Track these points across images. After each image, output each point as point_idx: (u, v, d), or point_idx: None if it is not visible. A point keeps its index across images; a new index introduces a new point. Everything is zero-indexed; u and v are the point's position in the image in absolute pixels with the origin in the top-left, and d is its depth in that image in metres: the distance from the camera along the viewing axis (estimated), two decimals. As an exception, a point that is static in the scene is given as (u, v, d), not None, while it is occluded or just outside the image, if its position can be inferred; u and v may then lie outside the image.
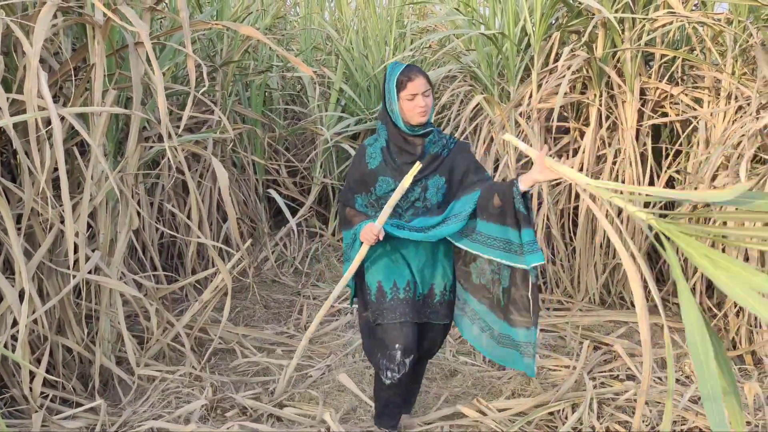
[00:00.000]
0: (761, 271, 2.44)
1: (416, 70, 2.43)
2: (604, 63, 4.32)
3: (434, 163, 2.47)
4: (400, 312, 2.48)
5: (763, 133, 3.56)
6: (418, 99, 2.39)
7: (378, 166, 2.51)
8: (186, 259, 4.28)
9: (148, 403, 2.90)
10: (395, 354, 2.47)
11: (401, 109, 2.42)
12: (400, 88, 2.41)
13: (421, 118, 2.41)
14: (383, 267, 2.53)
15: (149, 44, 2.53)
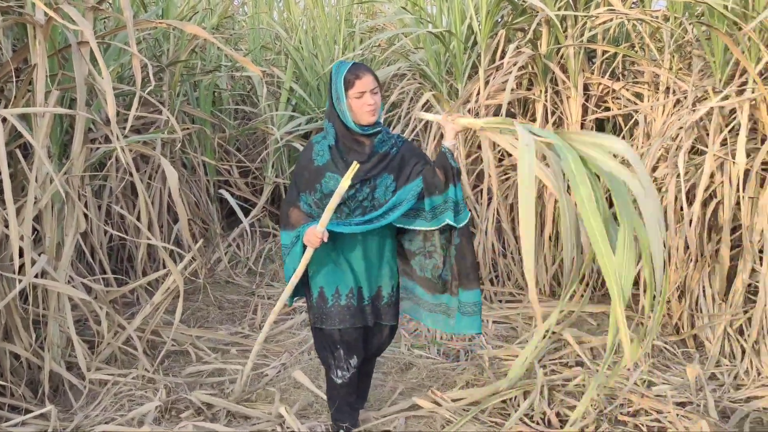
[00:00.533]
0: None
1: (363, 68, 2.41)
2: (548, 60, 4.43)
3: (383, 162, 2.46)
4: (340, 319, 2.49)
5: (699, 126, 3.70)
6: (366, 97, 2.37)
7: (326, 163, 2.47)
8: (136, 262, 4.22)
9: (100, 407, 2.86)
10: (339, 354, 2.54)
11: (350, 108, 2.40)
12: (348, 86, 2.39)
13: (370, 117, 2.39)
14: (326, 273, 2.52)
15: (94, 43, 2.50)
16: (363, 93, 2.37)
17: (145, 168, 4.47)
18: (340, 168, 2.43)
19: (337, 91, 2.41)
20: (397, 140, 2.53)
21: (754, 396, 3.16)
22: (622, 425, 2.89)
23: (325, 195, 2.45)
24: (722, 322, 3.52)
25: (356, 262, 2.53)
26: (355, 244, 2.50)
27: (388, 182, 2.47)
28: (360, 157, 2.43)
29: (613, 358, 3.54)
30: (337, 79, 2.41)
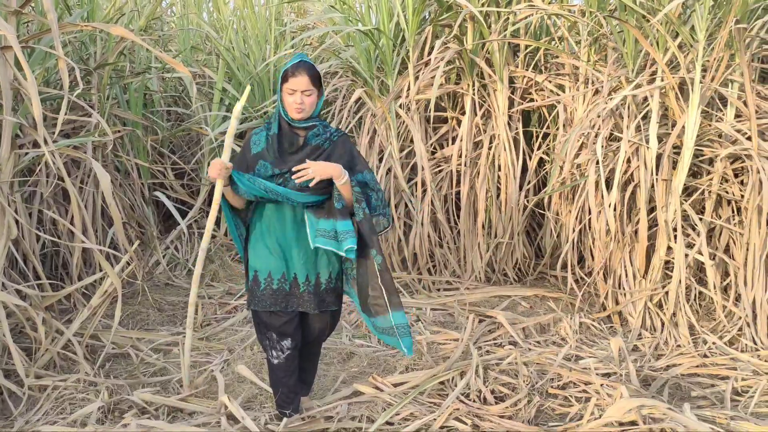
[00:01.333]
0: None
1: (303, 68, 2.48)
2: (474, 54, 4.59)
3: (314, 153, 2.56)
4: (271, 302, 2.61)
5: (615, 114, 3.92)
6: (296, 96, 2.48)
7: (260, 151, 2.58)
8: (71, 267, 4.16)
9: (41, 412, 2.84)
10: (272, 335, 2.67)
11: (283, 101, 2.53)
12: (284, 80, 2.50)
13: (296, 114, 2.50)
14: (261, 257, 2.63)
15: (18, 47, 2.49)
16: (294, 91, 2.47)
17: (77, 173, 4.41)
18: (272, 156, 2.55)
19: (278, 84, 2.54)
20: (332, 135, 2.61)
21: (672, 364, 3.39)
22: (552, 398, 3.06)
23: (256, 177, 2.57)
24: (642, 298, 3.75)
25: (291, 250, 2.62)
26: (291, 233, 2.61)
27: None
28: (291, 147, 2.56)
29: (543, 336, 3.74)
30: (281, 70, 2.54)
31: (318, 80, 2.52)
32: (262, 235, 2.62)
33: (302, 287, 2.64)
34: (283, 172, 2.51)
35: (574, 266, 4.40)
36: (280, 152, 2.55)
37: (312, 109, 2.53)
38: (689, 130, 3.60)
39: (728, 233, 3.88)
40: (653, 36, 3.72)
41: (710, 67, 3.63)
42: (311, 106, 2.52)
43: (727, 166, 3.75)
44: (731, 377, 3.19)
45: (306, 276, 2.64)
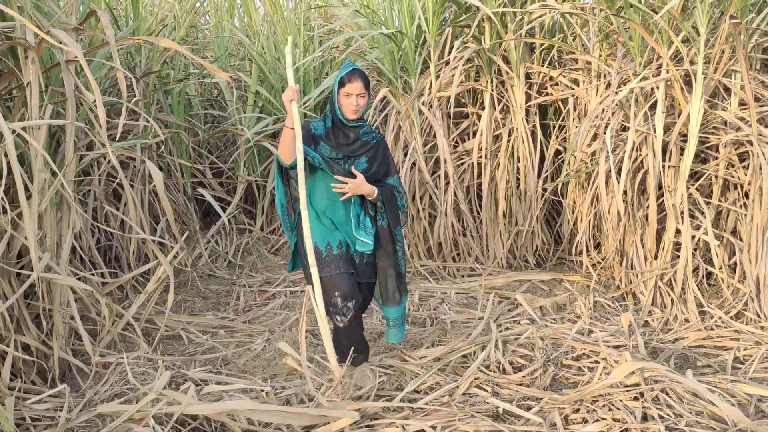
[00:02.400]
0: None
1: (358, 75, 2.95)
2: (492, 53, 4.87)
3: (363, 148, 3.09)
4: (335, 265, 2.99)
5: (625, 105, 4.17)
6: (352, 98, 2.95)
7: (321, 134, 3.06)
8: (123, 259, 4.55)
9: (107, 385, 3.21)
10: (336, 301, 2.96)
11: (339, 103, 2.99)
12: (341, 85, 2.95)
13: (351, 115, 2.98)
14: (318, 230, 3.04)
15: (84, 62, 2.85)
16: (350, 94, 2.95)
17: (126, 173, 4.80)
18: (331, 143, 3.05)
19: (334, 87, 2.99)
20: (376, 134, 3.15)
21: (680, 337, 3.64)
22: (566, 368, 3.34)
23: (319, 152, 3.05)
24: (653, 277, 4.00)
25: (340, 225, 3.10)
26: (339, 211, 3.10)
27: (362, 161, 3.10)
28: (347, 140, 3.06)
29: (560, 314, 4.01)
30: (337, 77, 2.98)
31: (369, 85, 2.99)
32: (317, 218, 3.08)
33: (352, 254, 3.10)
34: (338, 157, 3.04)
35: (590, 250, 4.66)
36: (337, 143, 3.05)
37: (363, 110, 3.01)
38: (693, 118, 3.84)
39: (735, 215, 4.11)
40: (657, 31, 3.96)
41: (713, 59, 3.86)
42: (363, 107, 3.00)
43: (732, 152, 3.98)
44: (734, 347, 3.43)
45: (354, 249, 3.11)
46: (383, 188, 3.13)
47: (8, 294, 3.19)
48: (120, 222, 4.63)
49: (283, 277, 4.99)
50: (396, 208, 3.17)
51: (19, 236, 3.11)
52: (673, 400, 2.79)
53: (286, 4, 6.64)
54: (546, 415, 2.85)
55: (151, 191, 4.95)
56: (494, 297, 4.20)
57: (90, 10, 3.38)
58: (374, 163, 3.12)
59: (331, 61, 6.19)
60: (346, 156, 3.06)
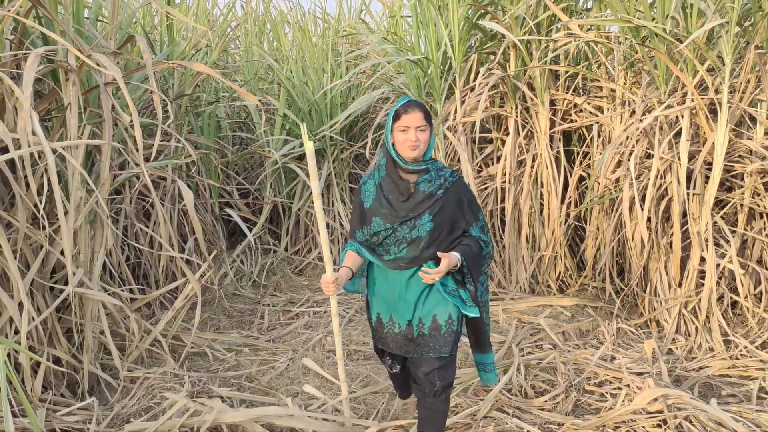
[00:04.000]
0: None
1: (415, 105, 2.46)
2: (516, 79, 4.93)
3: (428, 202, 2.50)
4: (393, 344, 2.65)
5: (650, 133, 4.20)
6: (410, 133, 2.43)
7: (372, 205, 2.57)
8: (151, 276, 4.65)
9: (134, 399, 3.28)
10: (386, 361, 2.85)
11: (395, 141, 2.48)
12: (395, 118, 2.46)
13: (411, 152, 2.44)
14: (383, 301, 2.67)
15: (123, 84, 2.96)
16: (407, 128, 2.43)
17: (157, 192, 4.92)
18: (382, 209, 2.53)
19: (387, 125, 2.52)
20: (447, 179, 2.55)
21: (704, 366, 3.62)
22: (589, 393, 3.34)
23: (372, 234, 2.58)
24: (677, 305, 3.98)
25: (407, 294, 2.60)
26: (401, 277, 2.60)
27: (425, 220, 2.50)
28: (401, 196, 2.51)
29: (582, 340, 4.02)
30: (391, 112, 2.51)
31: (429, 117, 2.50)
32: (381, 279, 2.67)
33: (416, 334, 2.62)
34: (394, 226, 2.51)
35: (613, 277, 4.66)
36: (389, 202, 2.52)
37: (425, 146, 2.49)
38: (718, 146, 3.85)
39: (761, 244, 4.09)
40: (682, 60, 4.00)
41: (738, 88, 3.88)
42: (425, 143, 2.48)
43: (757, 181, 3.97)
44: (759, 377, 3.41)
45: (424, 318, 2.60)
46: (466, 246, 2.56)
47: (42, 308, 3.28)
48: (149, 240, 4.73)
49: (307, 297, 5.04)
50: (481, 264, 2.65)
51: (54, 251, 3.21)
52: (696, 428, 2.78)
53: (314, 30, 6.79)
54: (568, 440, 2.85)
55: (180, 210, 5.06)
56: (516, 321, 4.21)
57: (128, 36, 3.50)
58: (443, 214, 2.52)
59: (358, 86, 6.30)
60: (403, 221, 2.49)
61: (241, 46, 7.40)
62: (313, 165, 2.47)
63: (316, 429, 2.83)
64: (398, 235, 2.51)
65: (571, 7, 5.01)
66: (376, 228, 2.54)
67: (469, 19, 4.92)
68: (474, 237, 2.60)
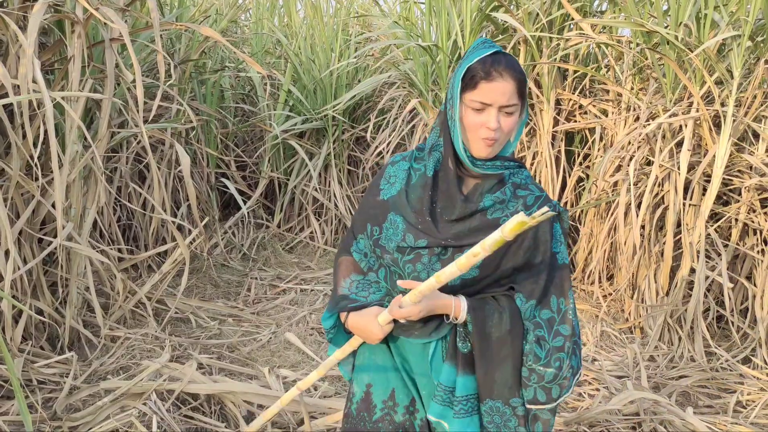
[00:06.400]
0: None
1: (506, 65, 1.46)
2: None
3: (481, 230, 1.50)
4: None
5: (652, 140, 4.19)
6: (489, 114, 1.46)
7: (394, 195, 1.60)
8: (141, 239, 4.63)
9: (113, 357, 3.27)
10: None
11: (462, 120, 1.50)
12: (469, 84, 1.47)
13: (484, 148, 1.48)
14: (379, 366, 1.66)
15: (129, 40, 2.93)
16: (486, 106, 1.46)
17: (153, 155, 4.89)
18: (413, 215, 1.56)
19: (452, 89, 1.51)
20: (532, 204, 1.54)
21: (684, 375, 3.63)
22: (567, 392, 3.34)
23: (378, 244, 1.61)
24: (663, 313, 3.99)
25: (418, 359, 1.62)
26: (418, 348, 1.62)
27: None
28: (450, 205, 1.54)
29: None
30: (459, 68, 1.51)
31: (525, 88, 1.50)
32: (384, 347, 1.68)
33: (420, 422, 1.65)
34: (425, 246, 1.52)
35: (602, 281, 4.66)
36: (431, 212, 1.55)
37: (508, 137, 1.52)
38: (719, 159, 3.84)
39: (751, 260, 4.09)
40: (691, 70, 3.98)
41: (744, 102, 3.87)
42: (510, 133, 1.51)
43: (755, 197, 3.97)
44: (738, 391, 3.42)
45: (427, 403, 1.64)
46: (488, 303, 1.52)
47: (29, 258, 3.26)
48: (142, 203, 4.71)
49: (295, 274, 5.04)
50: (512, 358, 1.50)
51: (45, 203, 3.18)
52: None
53: (327, 8, 6.74)
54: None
55: (176, 176, 5.03)
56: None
57: (138, -7, 3.47)
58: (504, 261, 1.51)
59: (365, 68, 6.26)
60: (439, 245, 1.51)
61: (252, 18, 7.35)
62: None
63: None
64: (422, 264, 1.53)
65: (585, 8, 4.98)
66: (389, 235, 1.57)
67: (482, 10, 4.89)
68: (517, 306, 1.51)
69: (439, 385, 1.53)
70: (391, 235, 1.55)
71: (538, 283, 1.51)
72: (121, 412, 2.66)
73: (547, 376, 1.49)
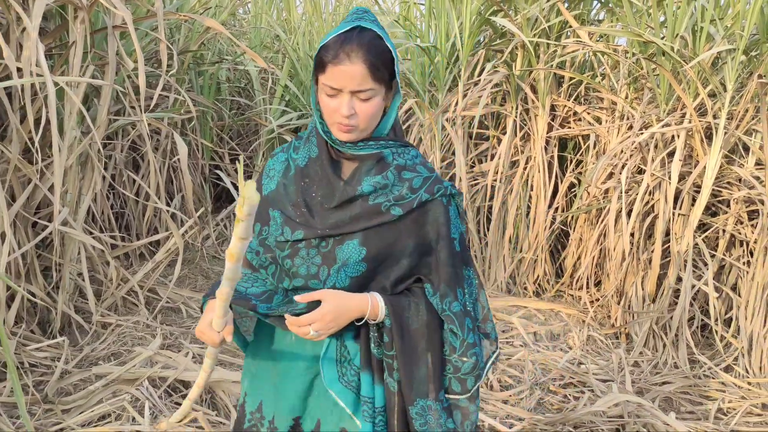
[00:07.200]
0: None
1: (358, 45, 1.32)
2: (521, 80, 4.96)
3: (362, 220, 1.40)
4: None
5: (644, 149, 4.25)
6: (341, 100, 1.35)
7: (273, 190, 1.50)
8: (133, 228, 4.64)
9: (105, 344, 3.28)
10: None
11: (319, 104, 1.41)
12: (319, 66, 1.36)
13: (342, 134, 1.38)
14: (257, 374, 1.57)
15: (132, 26, 2.94)
16: (337, 92, 1.35)
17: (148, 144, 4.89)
18: (290, 208, 1.46)
19: (313, 68, 1.40)
20: (416, 191, 1.43)
21: (667, 381, 3.69)
22: (552, 394, 3.40)
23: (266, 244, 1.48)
24: (648, 320, 4.05)
25: (296, 373, 1.49)
26: (301, 343, 1.48)
27: (354, 255, 1.41)
28: (328, 195, 1.43)
29: (553, 343, 4.08)
30: (319, 46, 1.37)
31: (381, 71, 1.34)
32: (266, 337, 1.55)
33: None
34: (302, 239, 1.42)
35: (590, 286, 4.72)
36: (308, 202, 1.44)
37: (371, 121, 1.39)
38: (709, 170, 3.91)
39: (737, 271, 4.17)
40: (686, 81, 4.05)
41: (736, 115, 3.94)
42: (370, 118, 1.38)
43: (743, 209, 4.04)
44: (719, 398, 3.48)
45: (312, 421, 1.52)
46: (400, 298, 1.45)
47: (23, 242, 3.27)
48: (135, 192, 4.71)
49: (286, 268, 5.06)
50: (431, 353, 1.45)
51: (43, 187, 3.19)
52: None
53: (326, 5, 6.77)
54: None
55: (170, 166, 5.04)
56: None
57: (142, -18, 3.48)
58: (389, 252, 1.43)
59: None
60: (318, 236, 1.41)
61: (251, 12, 7.36)
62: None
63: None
64: (300, 258, 1.42)
65: (583, 16, 5.04)
66: (272, 231, 1.46)
67: (481, 14, 4.94)
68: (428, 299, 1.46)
69: (363, 399, 1.44)
70: (273, 231, 1.44)
71: (440, 274, 1.44)
72: (113, 397, 2.68)
73: (464, 368, 1.45)
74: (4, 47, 2.47)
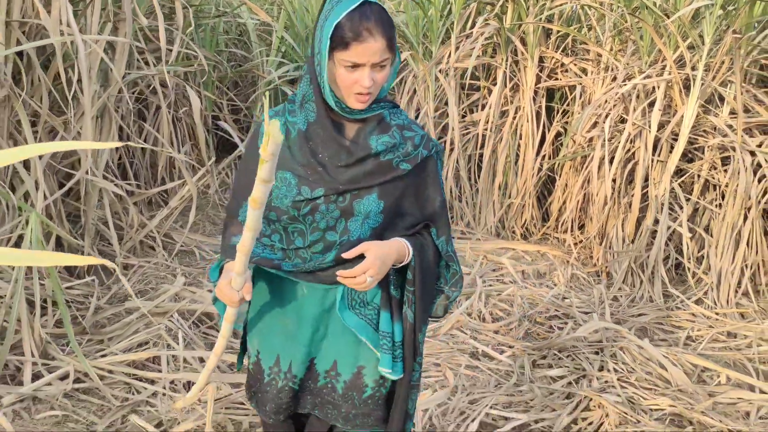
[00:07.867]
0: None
1: (376, 22, 1.40)
2: (510, 33, 5.18)
3: (377, 175, 1.53)
4: (271, 407, 1.68)
5: (627, 99, 4.52)
6: (362, 73, 1.43)
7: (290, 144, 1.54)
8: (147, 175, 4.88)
9: (130, 282, 3.57)
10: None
11: (333, 78, 1.46)
12: (340, 44, 1.41)
13: (360, 103, 1.47)
14: (266, 331, 1.67)
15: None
16: (358, 66, 1.43)
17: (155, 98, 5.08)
18: (299, 169, 1.51)
19: (320, 44, 1.45)
20: (418, 148, 1.58)
21: (643, 313, 4.06)
22: (539, 325, 3.75)
23: (273, 207, 1.53)
24: (627, 259, 4.40)
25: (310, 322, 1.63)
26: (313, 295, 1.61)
27: (373, 208, 1.54)
28: (340, 154, 1.52)
29: (539, 280, 4.42)
30: (325, 24, 1.43)
31: (394, 39, 1.47)
32: (270, 295, 1.66)
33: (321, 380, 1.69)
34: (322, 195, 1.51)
35: (574, 229, 5.06)
36: (320, 161, 1.52)
37: (385, 85, 1.53)
38: (686, 119, 4.20)
39: (710, 213, 4.51)
40: (667, 35, 4.30)
41: (713, 68, 4.21)
42: (383, 83, 1.49)
43: (716, 155, 4.36)
44: (689, 327, 3.86)
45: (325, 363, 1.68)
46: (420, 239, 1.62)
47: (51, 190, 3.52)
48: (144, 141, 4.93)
49: (288, 214, 5.33)
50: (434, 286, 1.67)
51: (67, 136, 3.42)
52: (628, 358, 3.21)
53: (319, -44, 6.85)
54: (516, 359, 3.26)
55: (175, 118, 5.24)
56: (482, 258, 4.59)
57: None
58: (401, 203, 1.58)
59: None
60: (337, 192, 1.50)
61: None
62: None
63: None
64: (319, 223, 1.52)
65: (572, -30, 5.23)
66: (284, 191, 1.51)
67: (474, -32, 5.12)
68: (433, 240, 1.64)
69: (383, 334, 1.58)
70: (285, 192, 1.50)
71: (440, 219, 1.64)
72: (146, 328, 2.98)
73: (453, 297, 1.70)
74: (41, 10, 2.67)
